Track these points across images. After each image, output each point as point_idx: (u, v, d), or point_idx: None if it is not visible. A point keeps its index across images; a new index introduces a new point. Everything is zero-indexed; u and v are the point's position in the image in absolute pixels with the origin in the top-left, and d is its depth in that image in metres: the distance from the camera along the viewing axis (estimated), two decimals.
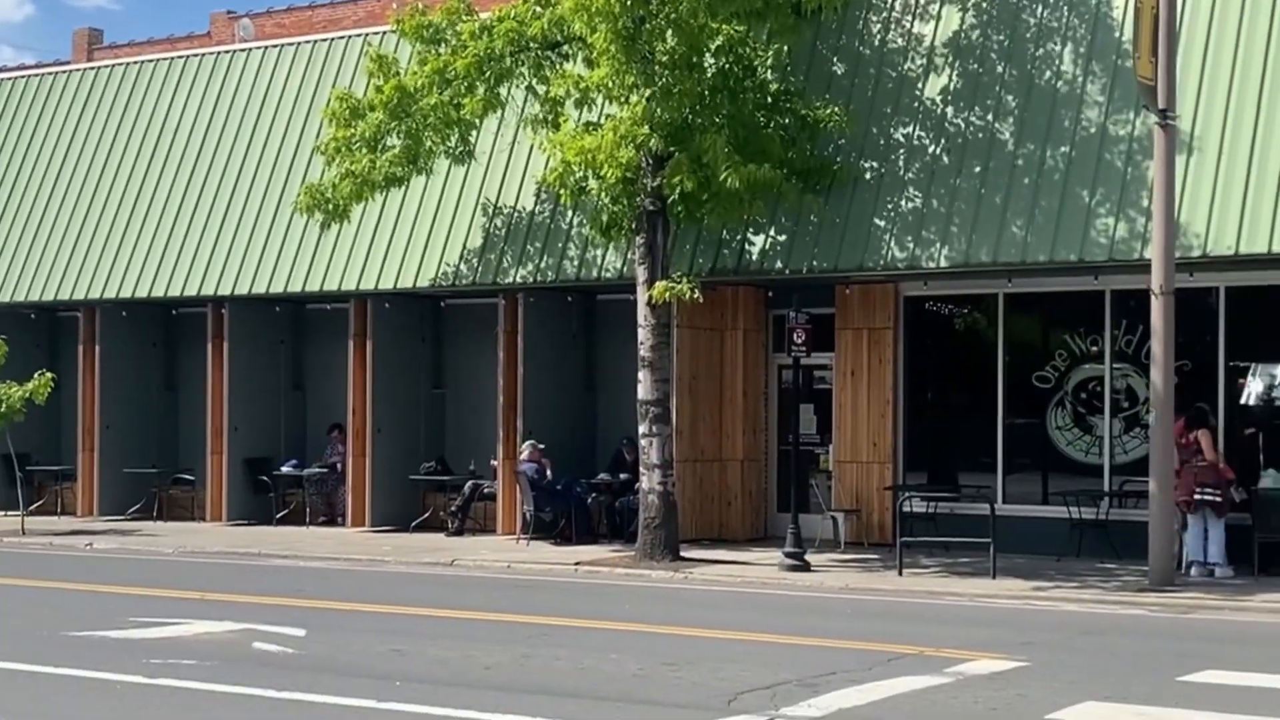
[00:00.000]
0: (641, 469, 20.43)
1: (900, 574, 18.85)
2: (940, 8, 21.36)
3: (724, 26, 19.35)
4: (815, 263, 21.01)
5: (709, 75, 19.66)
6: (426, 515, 24.92)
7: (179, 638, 13.99)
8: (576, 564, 20.18)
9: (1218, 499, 18.62)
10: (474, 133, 21.95)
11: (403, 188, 22.67)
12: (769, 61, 20.44)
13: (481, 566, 20.51)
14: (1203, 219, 18.73)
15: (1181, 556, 18.84)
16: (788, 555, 19.39)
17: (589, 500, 23.11)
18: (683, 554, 20.23)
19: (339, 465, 25.63)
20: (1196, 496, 18.69)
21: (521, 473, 22.72)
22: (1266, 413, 20.55)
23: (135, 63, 28.65)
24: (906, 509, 20.35)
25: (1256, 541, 18.60)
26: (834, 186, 20.80)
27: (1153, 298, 17.85)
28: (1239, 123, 18.90)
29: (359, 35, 26.26)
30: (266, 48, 27.40)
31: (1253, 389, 20.84)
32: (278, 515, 25.87)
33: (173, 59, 28.20)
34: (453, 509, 24.20)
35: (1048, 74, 20.36)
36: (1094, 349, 21.18)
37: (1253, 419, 20.41)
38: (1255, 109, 18.85)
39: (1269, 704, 11.06)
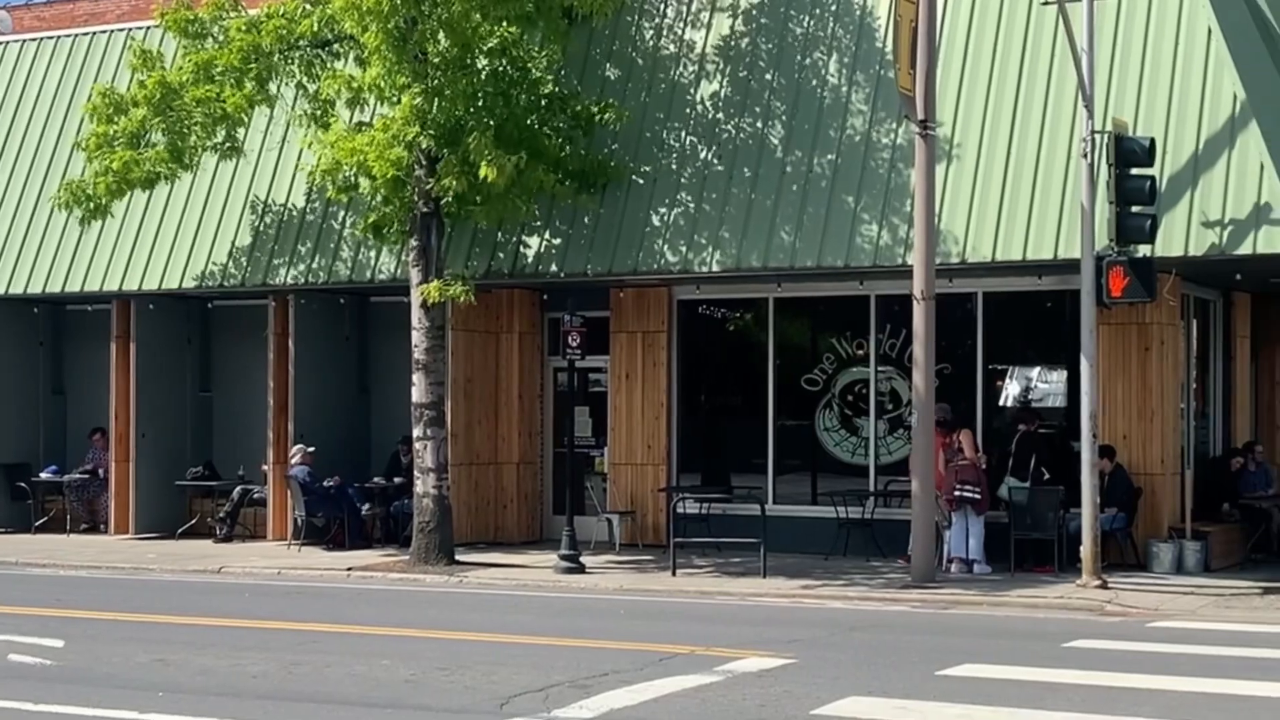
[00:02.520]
0: (416, 472, 20.30)
1: (674, 574, 19.06)
2: (711, 15, 21.69)
3: (496, 29, 19.36)
4: (590, 266, 21.13)
5: (482, 77, 19.64)
6: (194, 522, 24.33)
7: None
8: (349, 569, 19.94)
9: (977, 496, 19.27)
10: (241, 129, 21.55)
11: (168, 185, 22.15)
12: (543, 65, 20.50)
13: (251, 573, 20.12)
14: (962, 226, 19.36)
15: (944, 553, 19.44)
16: (563, 557, 19.45)
17: (363, 505, 22.83)
18: (458, 557, 20.15)
19: (101, 471, 24.89)
20: (957, 493, 19.32)
21: (292, 477, 22.36)
22: (1023, 414, 21.27)
23: None
24: (680, 510, 20.59)
25: (1013, 539, 19.28)
26: (608, 190, 20.96)
27: (915, 303, 18.37)
28: (995, 133, 19.58)
29: (122, 30, 25.57)
30: (25, 41, 26.50)
31: (1010, 391, 21.60)
32: (37, 523, 25.00)
33: None
34: (221, 515, 23.69)
35: (814, 82, 20.83)
36: (860, 352, 21.70)
37: (1010, 420, 21.08)
38: (1011, 120, 19.55)
39: (1022, 696, 11.48)
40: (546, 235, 21.42)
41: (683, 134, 21.25)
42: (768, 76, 21.13)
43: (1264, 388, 23.46)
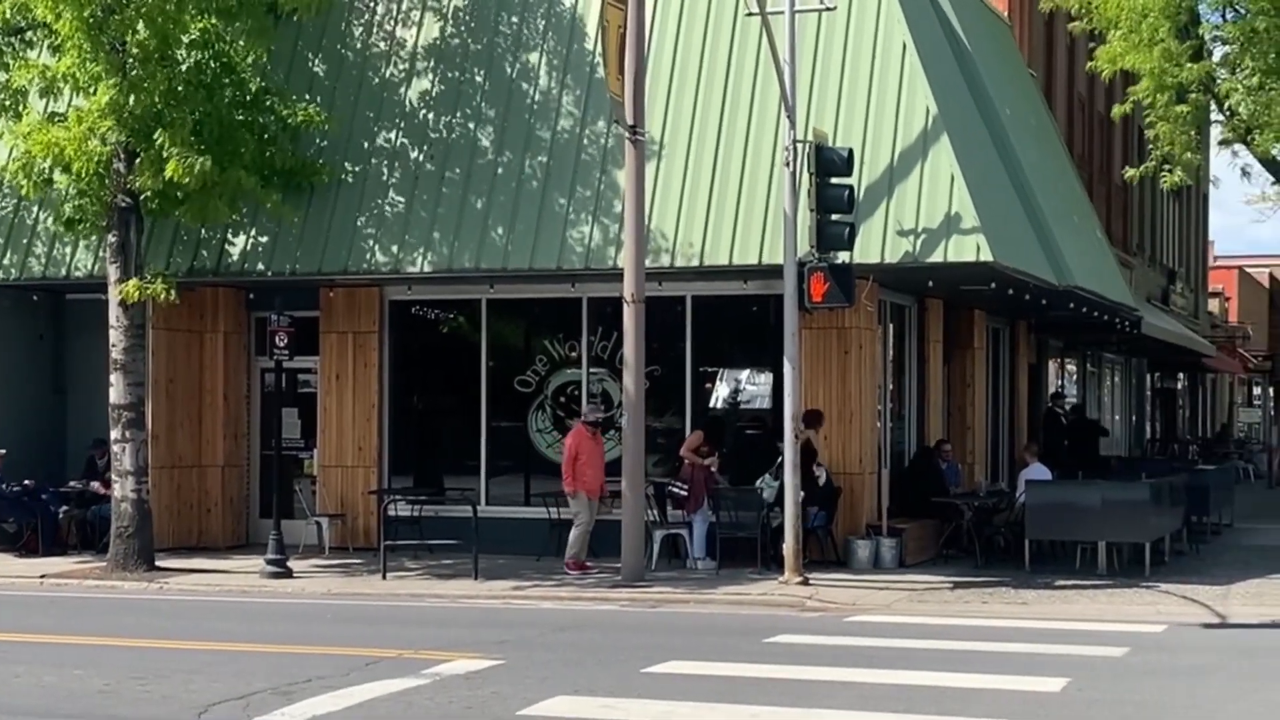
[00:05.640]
0: (114, 476, 19.69)
1: (384, 577, 18.90)
2: (421, 14, 21.60)
3: (197, 20, 18.87)
4: (298, 265, 20.79)
5: (183, 70, 19.13)
6: None
7: None
8: (42, 577, 19.23)
9: (683, 493, 19.67)
10: None
11: None
12: (248, 60, 20.06)
13: None
14: (671, 230, 19.70)
15: (652, 552, 19.76)
16: (270, 562, 19.11)
17: (58, 510, 21.95)
18: (159, 563, 19.65)
19: None
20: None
21: None
22: (731, 415, 21.78)
23: None
24: (391, 512, 20.42)
25: (719, 537, 19.69)
26: (316, 188, 20.64)
27: (625, 305, 18.61)
28: (703, 139, 19.99)
29: None
30: None
31: (719, 393, 22.04)
32: None
33: None
34: None
35: (525, 83, 20.92)
36: (572, 354, 21.86)
37: (720, 421, 21.48)
38: (718, 127, 19.99)
39: (723, 691, 11.73)
40: (253, 233, 21.00)
41: (393, 133, 21.10)
42: (478, 77, 21.15)
43: (955, 390, 24.53)
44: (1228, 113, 27.00)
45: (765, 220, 19.36)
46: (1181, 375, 49.95)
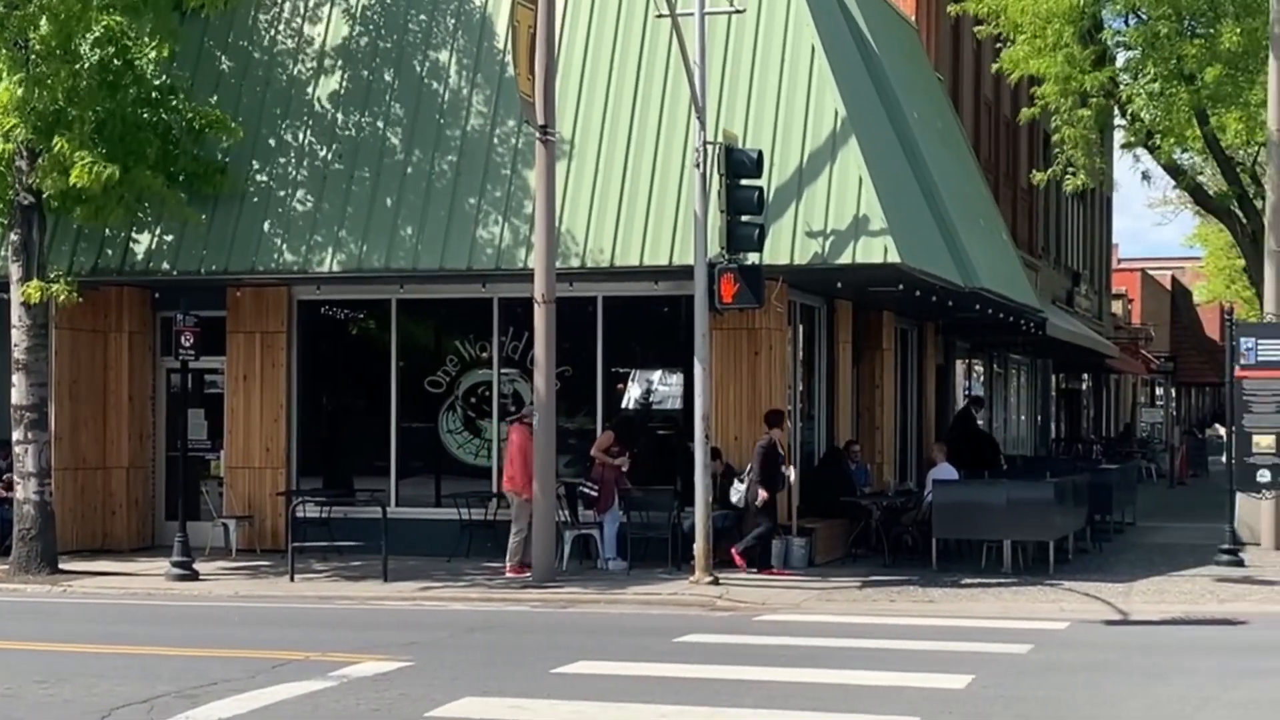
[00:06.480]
0: (16, 477, 19.43)
1: (292, 579, 18.77)
2: (329, 11, 21.47)
3: (103, 16, 18.62)
4: (204, 264, 20.59)
5: (87, 66, 18.86)
6: None
7: None
8: None
9: (593, 494, 19.69)
10: None
11: None
12: (152, 56, 19.82)
13: None
14: (582, 231, 19.72)
15: (564, 552, 19.75)
16: (175, 564, 18.92)
17: None
18: (62, 566, 19.41)
19: None
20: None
21: None
22: (642, 416, 21.82)
23: None
24: (300, 514, 20.27)
25: (629, 537, 19.73)
26: (223, 188, 20.43)
27: (536, 306, 18.60)
28: (614, 141, 20.02)
29: None
30: None
31: (631, 394, 22.08)
32: None
33: None
34: None
35: (435, 82, 20.85)
36: (483, 354, 21.80)
37: (631, 421, 21.49)
38: (629, 128, 20.03)
39: (632, 691, 11.77)
40: (158, 232, 20.76)
41: (301, 132, 20.95)
42: (387, 75, 21.05)
43: (864, 390, 24.73)
44: (1130, 118, 27.43)
45: (676, 221, 19.43)
46: (1086, 376, 50.66)
